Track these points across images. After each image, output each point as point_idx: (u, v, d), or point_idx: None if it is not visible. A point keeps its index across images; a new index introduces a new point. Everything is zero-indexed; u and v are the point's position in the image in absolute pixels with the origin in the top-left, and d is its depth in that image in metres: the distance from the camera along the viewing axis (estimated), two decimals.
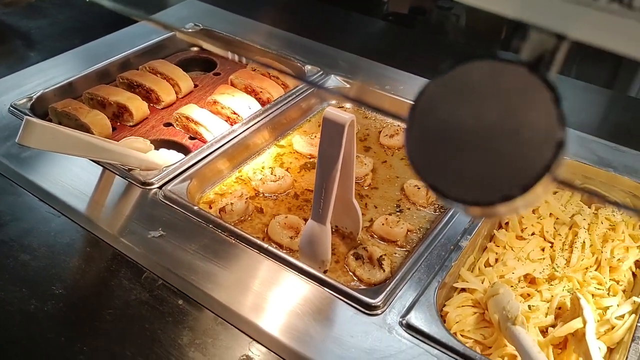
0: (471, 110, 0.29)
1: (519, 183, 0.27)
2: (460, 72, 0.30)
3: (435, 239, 1.02)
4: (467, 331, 0.96)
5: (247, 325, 0.88)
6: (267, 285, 0.94)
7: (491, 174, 0.28)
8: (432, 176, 0.30)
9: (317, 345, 0.85)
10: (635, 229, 1.13)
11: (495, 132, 0.28)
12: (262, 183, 1.18)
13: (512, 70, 0.28)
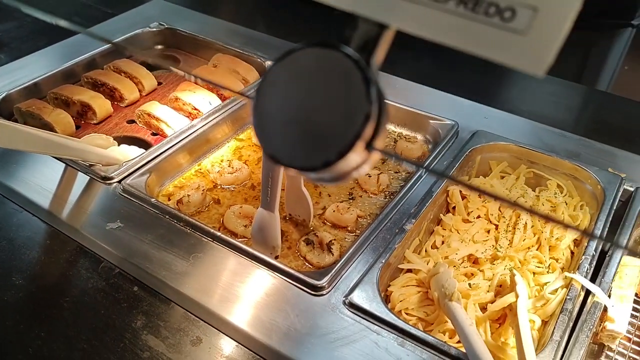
0: (299, 89, 0.34)
1: (335, 150, 0.32)
2: (292, 58, 0.34)
3: (382, 223, 1.07)
4: (410, 309, 1.01)
5: (199, 308, 0.93)
6: (219, 271, 0.98)
7: (314, 143, 0.33)
8: (271, 146, 0.34)
9: (263, 325, 0.89)
10: (575, 209, 1.19)
11: (317, 108, 0.33)
12: (219, 175, 1.23)
13: (332, 56, 0.33)
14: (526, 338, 0.85)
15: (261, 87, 0.36)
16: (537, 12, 0.30)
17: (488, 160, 1.29)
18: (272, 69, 0.36)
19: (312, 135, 0.33)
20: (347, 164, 0.33)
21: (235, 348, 0.89)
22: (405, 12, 0.32)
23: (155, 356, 0.87)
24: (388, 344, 0.87)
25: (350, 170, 0.35)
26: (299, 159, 0.33)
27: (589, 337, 0.89)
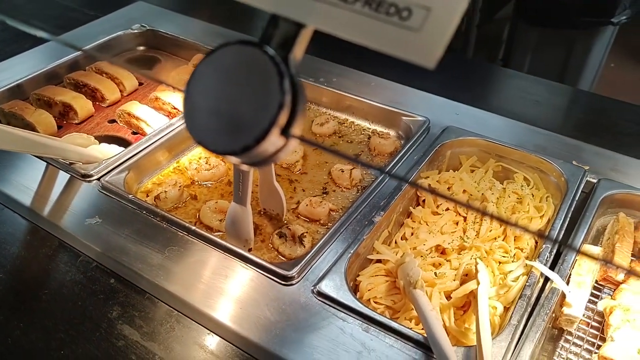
0: (222, 82, 0.37)
1: (253, 136, 0.36)
2: (217, 55, 0.38)
3: (352, 216, 1.11)
4: (379, 298, 1.05)
5: (173, 299, 0.96)
6: (194, 263, 1.02)
7: (235, 130, 0.36)
8: (198, 134, 0.38)
9: (234, 313, 0.93)
10: (541, 201, 1.23)
11: (238, 99, 0.36)
12: (197, 172, 1.26)
13: (252, 52, 0.37)
14: (484, 322, 0.89)
15: (190, 81, 0.40)
16: (430, 12, 0.34)
17: (458, 154, 1.33)
18: (200, 64, 0.39)
19: (234, 123, 0.37)
20: (266, 149, 0.37)
21: (207, 336, 0.92)
22: (319, 12, 0.36)
23: (130, 344, 0.90)
24: (353, 330, 0.91)
25: (270, 155, 0.38)
26: (222, 144, 0.37)
27: (545, 321, 0.93)
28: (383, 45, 0.35)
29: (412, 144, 1.30)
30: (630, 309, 0.98)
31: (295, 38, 0.38)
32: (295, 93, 0.37)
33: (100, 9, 1.91)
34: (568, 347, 1.00)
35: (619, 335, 0.94)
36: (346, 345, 0.89)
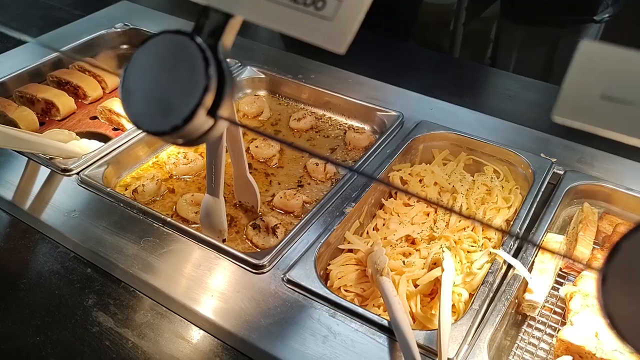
0: (155, 68, 0.41)
1: (181, 116, 0.39)
2: (151, 43, 0.41)
3: (324, 207, 1.15)
4: (349, 286, 1.08)
5: (146, 287, 1.00)
6: (168, 253, 1.05)
7: (165, 112, 0.39)
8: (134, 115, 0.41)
9: (206, 300, 0.96)
10: (511, 192, 1.27)
11: (169, 83, 0.40)
12: (175, 166, 1.29)
13: (181, 40, 0.40)
14: (445, 307, 0.93)
15: (127, 67, 0.43)
16: (341, 2, 0.37)
17: (430, 148, 1.37)
18: (136, 51, 0.43)
19: (165, 105, 0.40)
20: (195, 128, 0.40)
21: (179, 322, 0.95)
22: (245, 4, 0.40)
23: (104, 331, 0.93)
24: (320, 316, 0.95)
25: (201, 134, 0.42)
26: (154, 124, 0.40)
27: (506, 306, 0.97)
28: (301, 33, 0.38)
29: (386, 138, 1.34)
30: (589, 294, 1.01)
31: (224, 27, 0.41)
32: (222, 77, 0.40)
33: (85, 9, 1.93)
34: (530, 331, 1.04)
35: (578, 320, 0.98)
36: (312, 330, 0.92)
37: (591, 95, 0.31)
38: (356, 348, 0.90)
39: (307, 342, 0.90)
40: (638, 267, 0.28)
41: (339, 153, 1.38)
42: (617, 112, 0.30)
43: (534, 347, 1.01)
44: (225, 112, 0.40)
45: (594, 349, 0.92)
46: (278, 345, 0.90)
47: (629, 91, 0.30)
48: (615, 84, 0.30)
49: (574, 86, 0.31)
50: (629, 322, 0.28)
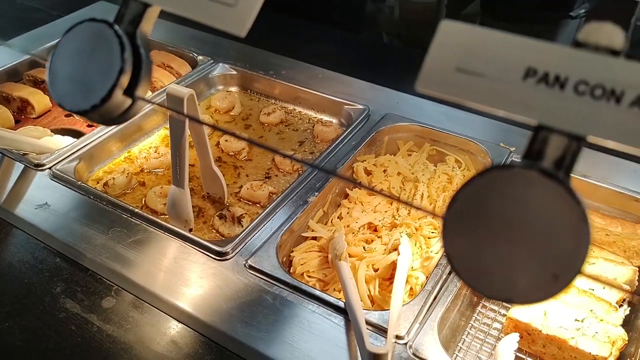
0: (78, 53, 0.45)
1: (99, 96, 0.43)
2: (75, 30, 0.46)
3: (288, 197, 1.19)
4: (311, 271, 1.12)
5: (112, 274, 1.03)
6: (135, 242, 1.09)
7: (86, 93, 0.44)
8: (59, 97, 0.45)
9: (170, 286, 1.00)
10: None
11: (90, 66, 0.44)
12: (146, 160, 1.33)
13: (100, 27, 0.45)
14: (397, 288, 0.97)
15: (53, 53, 0.47)
16: None
17: (396, 140, 1.41)
18: (61, 39, 0.47)
19: (86, 87, 0.44)
20: (113, 108, 0.44)
21: (143, 306, 0.99)
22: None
23: (71, 316, 0.97)
24: (280, 299, 0.99)
25: (119, 113, 0.46)
26: (76, 104, 0.44)
27: (457, 287, 1.01)
28: (209, 19, 0.42)
29: (351, 130, 1.38)
30: None
31: (142, 16, 0.46)
32: (139, 61, 0.44)
33: (63, 10, 1.97)
34: (485, 312, 1.08)
35: None
36: (272, 313, 0.96)
37: (448, 68, 0.35)
38: (313, 328, 0.94)
39: (265, 324, 0.94)
40: (472, 213, 0.32)
41: (307, 146, 1.42)
42: (470, 83, 0.34)
43: (488, 326, 1.06)
44: (143, 93, 0.45)
45: (540, 326, 0.96)
46: (237, 328, 0.94)
47: (481, 65, 0.34)
48: (469, 59, 0.34)
49: (433, 61, 0.35)
50: (466, 262, 0.32)
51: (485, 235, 0.31)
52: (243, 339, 0.93)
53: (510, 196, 0.30)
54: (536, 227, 0.30)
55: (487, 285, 0.31)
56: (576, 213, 0.29)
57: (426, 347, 0.91)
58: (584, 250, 0.29)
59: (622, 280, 1.05)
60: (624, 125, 0.30)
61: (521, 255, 0.30)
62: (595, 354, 0.92)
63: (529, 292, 0.30)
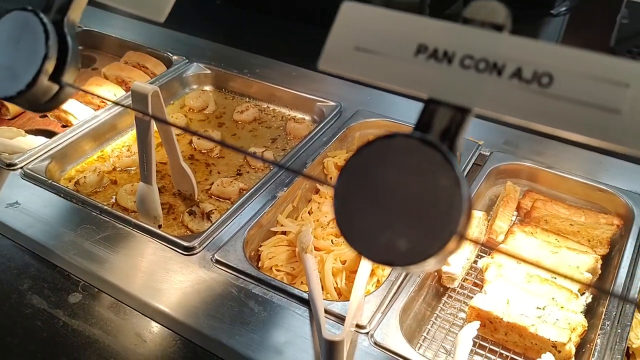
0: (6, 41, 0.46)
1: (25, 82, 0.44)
2: (5, 19, 0.47)
3: (257, 192, 1.20)
4: (280, 265, 1.13)
5: (80, 270, 1.04)
6: (104, 239, 1.09)
7: (13, 79, 0.45)
8: None
9: (136, 281, 1.01)
10: None
11: (18, 53, 0.45)
12: (118, 159, 1.34)
13: (28, 16, 0.46)
14: (359, 278, 0.98)
15: None
16: None
17: (367, 136, 1.42)
18: None
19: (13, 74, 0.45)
20: (40, 93, 0.45)
21: (109, 301, 1.00)
22: None
23: (37, 312, 0.98)
24: (246, 292, 1.00)
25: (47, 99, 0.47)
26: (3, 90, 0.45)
27: (420, 277, 1.03)
28: (131, 7, 0.43)
29: (323, 126, 1.39)
30: (503, 265, 1.07)
31: (69, 5, 0.47)
32: (66, 48, 0.46)
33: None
34: (450, 302, 1.10)
35: (491, 288, 1.03)
36: (237, 304, 0.97)
37: (348, 47, 0.36)
38: (277, 320, 0.95)
39: (229, 316, 0.95)
40: (359, 182, 0.33)
41: (280, 142, 1.43)
42: (367, 61, 0.35)
43: (453, 316, 1.07)
44: (70, 79, 0.46)
45: (501, 314, 0.97)
46: (202, 320, 0.95)
47: (376, 43, 0.35)
48: (366, 38, 0.36)
49: (334, 40, 0.37)
50: (354, 228, 0.33)
51: (371, 202, 0.32)
52: (207, 332, 0.93)
53: (393, 164, 0.32)
54: (415, 192, 0.31)
55: (372, 250, 0.33)
56: (451, 178, 0.31)
57: (387, 337, 0.93)
58: (459, 213, 0.31)
59: (585, 269, 1.06)
60: (504, 97, 0.32)
61: (402, 220, 0.31)
62: (555, 340, 0.93)
63: (408, 255, 0.31)
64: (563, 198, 1.25)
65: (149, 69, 1.63)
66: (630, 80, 0.30)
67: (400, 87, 0.34)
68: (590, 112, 0.30)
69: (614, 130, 0.29)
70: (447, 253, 0.32)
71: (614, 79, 0.30)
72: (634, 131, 0.29)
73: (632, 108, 0.29)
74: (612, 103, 0.30)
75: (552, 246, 1.11)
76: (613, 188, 1.20)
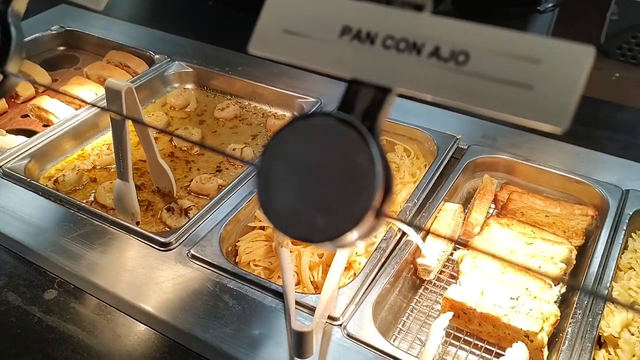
0: None
1: None
2: None
3: (235, 188, 1.20)
4: (257, 260, 1.14)
5: (56, 267, 1.04)
6: (81, 235, 1.10)
7: None
8: None
9: (111, 277, 1.01)
10: (420, 169, 1.33)
11: None
12: (98, 157, 1.34)
13: None
14: (332, 270, 0.99)
15: None
16: None
17: None
18: None
19: None
20: None
21: (85, 296, 1.01)
22: None
23: (12, 309, 0.98)
24: (221, 286, 1.00)
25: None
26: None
27: (395, 269, 1.03)
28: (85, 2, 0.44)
29: None
30: (477, 256, 1.08)
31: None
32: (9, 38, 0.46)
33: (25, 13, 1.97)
34: (426, 294, 1.10)
35: (465, 280, 1.04)
36: (213, 299, 0.97)
37: (277, 30, 0.37)
38: (253, 314, 0.96)
39: (204, 310, 0.96)
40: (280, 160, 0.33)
41: (260, 139, 1.44)
42: (295, 44, 0.36)
43: (429, 308, 1.08)
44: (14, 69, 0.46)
45: (474, 305, 0.98)
46: (177, 315, 0.95)
47: (304, 26, 0.36)
48: (294, 20, 0.36)
49: (264, 24, 0.37)
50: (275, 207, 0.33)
51: (291, 180, 0.33)
52: (181, 326, 0.94)
53: (312, 142, 0.32)
54: (333, 170, 0.32)
55: (291, 227, 0.33)
56: (366, 156, 0.31)
57: (360, 328, 0.93)
58: (373, 189, 0.31)
59: (559, 259, 1.07)
60: (423, 76, 0.32)
61: (320, 197, 0.32)
62: (527, 330, 0.94)
63: (325, 231, 0.32)
64: (540, 190, 1.25)
65: (131, 68, 1.63)
66: (541, 57, 0.30)
67: (325, 68, 0.35)
68: (504, 88, 0.30)
69: (525, 105, 0.30)
70: (366, 229, 0.32)
71: (526, 56, 0.30)
72: (544, 106, 0.30)
73: (543, 83, 0.30)
74: (524, 79, 0.30)
75: (527, 237, 1.11)
76: (589, 179, 1.21)
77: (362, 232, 0.32)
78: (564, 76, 0.30)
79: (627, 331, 0.95)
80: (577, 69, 0.29)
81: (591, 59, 0.29)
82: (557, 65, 0.30)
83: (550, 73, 0.30)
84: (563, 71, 0.30)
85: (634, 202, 1.16)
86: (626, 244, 1.13)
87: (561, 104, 0.29)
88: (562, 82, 0.29)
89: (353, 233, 0.31)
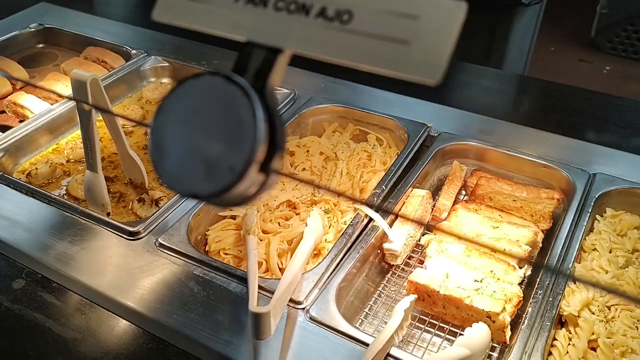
0: None
1: None
2: None
3: None
4: (227, 249, 1.15)
5: (25, 258, 1.05)
6: (51, 227, 1.11)
7: None
8: None
9: (79, 266, 1.02)
10: (391, 157, 1.34)
11: None
12: (72, 151, 1.35)
13: None
14: (297, 255, 1.00)
15: None
16: None
17: (321, 122, 1.44)
18: None
19: None
20: None
21: (52, 286, 1.01)
22: None
23: None
24: (187, 274, 1.01)
25: None
26: None
27: (360, 254, 1.04)
28: None
29: None
30: (443, 240, 1.09)
31: None
32: None
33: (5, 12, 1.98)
34: (394, 279, 1.11)
35: (431, 263, 1.05)
36: (179, 286, 0.98)
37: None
38: (218, 299, 0.97)
39: (170, 296, 0.97)
40: (171, 119, 0.34)
41: None
42: (197, 10, 0.37)
43: (396, 292, 1.09)
44: None
45: (438, 287, 0.99)
46: (144, 302, 0.96)
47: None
48: None
49: None
50: (165, 165, 0.34)
51: (180, 139, 0.33)
52: (146, 312, 0.95)
53: (199, 101, 0.33)
54: (219, 127, 0.33)
55: (180, 184, 0.34)
56: (249, 112, 0.32)
57: (324, 312, 0.94)
58: (254, 144, 0.32)
59: (524, 242, 1.08)
60: (311, 36, 0.33)
61: (206, 154, 0.33)
62: (488, 310, 0.94)
63: (210, 186, 0.33)
64: (510, 176, 1.26)
65: (108, 64, 1.64)
66: (419, 12, 0.31)
67: (223, 33, 0.36)
68: (383, 45, 0.31)
69: (401, 60, 0.31)
70: (251, 184, 0.33)
71: (404, 12, 0.31)
72: (420, 61, 0.30)
73: (419, 39, 0.31)
74: (401, 35, 0.31)
75: (493, 221, 1.12)
76: (557, 164, 1.22)
77: (248, 187, 0.33)
78: (438, 31, 0.30)
79: (587, 310, 0.96)
80: (451, 24, 0.30)
81: (463, 14, 0.30)
82: (432, 21, 0.31)
83: (425, 28, 0.31)
84: (437, 26, 0.30)
85: (600, 185, 1.17)
86: (592, 227, 1.14)
87: (435, 58, 0.30)
88: (436, 37, 0.30)
89: (238, 187, 0.32)
